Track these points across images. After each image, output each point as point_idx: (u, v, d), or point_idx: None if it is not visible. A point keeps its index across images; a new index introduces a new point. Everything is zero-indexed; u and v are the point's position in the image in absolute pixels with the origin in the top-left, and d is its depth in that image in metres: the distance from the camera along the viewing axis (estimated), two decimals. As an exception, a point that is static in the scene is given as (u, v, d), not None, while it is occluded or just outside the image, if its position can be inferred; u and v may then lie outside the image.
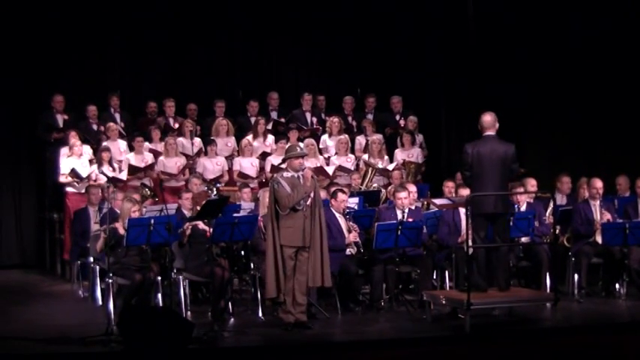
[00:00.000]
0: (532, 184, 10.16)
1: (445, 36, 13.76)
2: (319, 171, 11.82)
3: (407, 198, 9.46)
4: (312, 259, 8.16)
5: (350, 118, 13.17)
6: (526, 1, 12.96)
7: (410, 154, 12.40)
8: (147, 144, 11.92)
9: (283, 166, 8.56)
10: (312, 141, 12.18)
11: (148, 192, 10.78)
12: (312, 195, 8.21)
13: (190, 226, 8.90)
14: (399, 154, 12.41)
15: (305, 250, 8.17)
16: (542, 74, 12.98)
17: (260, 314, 8.76)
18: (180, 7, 13.38)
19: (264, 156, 12.09)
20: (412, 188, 9.85)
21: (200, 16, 13.51)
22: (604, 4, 12.55)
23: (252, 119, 12.67)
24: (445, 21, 13.73)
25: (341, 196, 9.35)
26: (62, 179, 11.34)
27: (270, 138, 12.45)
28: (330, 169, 11.92)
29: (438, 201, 9.55)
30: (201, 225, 8.90)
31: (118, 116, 12.47)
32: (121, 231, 8.64)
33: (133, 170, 11.45)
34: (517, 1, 13.01)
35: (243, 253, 9.63)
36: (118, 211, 9.16)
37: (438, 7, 13.72)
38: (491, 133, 8.45)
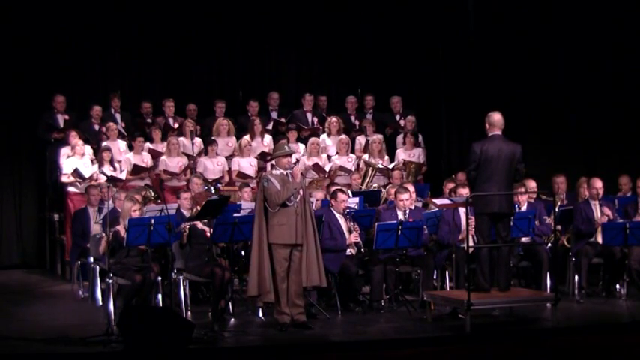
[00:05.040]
0: (531, 186, 10.15)
1: (445, 36, 13.77)
2: (317, 169, 11.84)
3: (409, 199, 9.46)
4: (307, 258, 8.12)
5: (353, 118, 13.19)
6: (527, 2, 12.96)
7: (412, 154, 12.41)
8: (147, 144, 11.94)
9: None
10: (316, 140, 12.20)
11: (152, 194, 10.78)
12: (301, 192, 8.17)
13: (188, 226, 8.88)
14: (401, 154, 12.41)
15: (297, 249, 8.15)
16: (543, 74, 12.98)
17: (260, 314, 8.75)
18: (181, 8, 13.38)
19: (262, 156, 12.09)
20: (410, 189, 9.85)
21: (200, 17, 13.51)
22: (604, 6, 12.55)
23: (251, 119, 12.68)
24: (445, 21, 13.73)
25: (341, 196, 9.34)
26: (65, 179, 11.35)
27: (268, 138, 12.46)
28: (327, 167, 11.94)
29: (438, 201, 9.55)
30: (200, 225, 8.89)
31: (118, 116, 12.49)
32: (123, 233, 8.64)
33: (137, 170, 11.47)
34: (518, 2, 13.01)
35: (243, 253, 9.65)
36: (120, 211, 9.17)
37: (439, 6, 13.73)
38: (498, 132, 8.43)
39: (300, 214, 8.13)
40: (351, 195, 10.51)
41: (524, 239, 9.62)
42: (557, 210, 9.30)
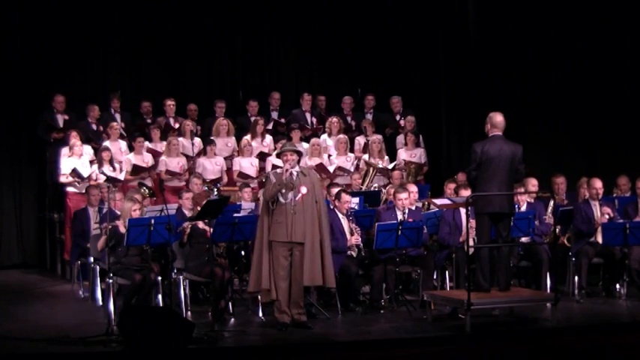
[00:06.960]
0: (533, 184, 10.15)
1: (445, 36, 13.77)
2: (321, 168, 11.83)
3: (407, 199, 9.46)
4: (309, 257, 8.07)
5: (349, 118, 13.19)
6: (527, 3, 12.96)
7: (413, 154, 12.40)
8: (146, 144, 11.94)
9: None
10: (317, 140, 12.20)
11: (147, 191, 10.77)
12: (303, 192, 8.11)
13: (190, 226, 8.89)
14: (402, 154, 12.40)
15: (298, 248, 8.12)
16: (542, 74, 12.98)
17: (260, 314, 8.75)
18: (181, 8, 13.38)
19: (262, 156, 12.09)
20: (413, 188, 9.84)
21: (200, 17, 13.51)
22: (604, 7, 12.55)
23: (253, 119, 12.68)
24: (446, 21, 13.73)
25: (345, 197, 9.32)
26: (63, 179, 11.35)
27: (269, 138, 12.46)
28: (331, 168, 11.95)
29: (439, 201, 9.55)
30: (201, 224, 8.90)
31: (118, 117, 12.48)
32: (122, 229, 8.64)
33: (136, 170, 11.47)
34: (518, 2, 13.01)
35: (243, 253, 9.64)
36: (118, 212, 9.18)
37: (439, 7, 13.73)
38: (499, 133, 8.44)
39: (299, 212, 8.08)
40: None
41: (524, 239, 9.61)
42: (554, 207, 9.30)
